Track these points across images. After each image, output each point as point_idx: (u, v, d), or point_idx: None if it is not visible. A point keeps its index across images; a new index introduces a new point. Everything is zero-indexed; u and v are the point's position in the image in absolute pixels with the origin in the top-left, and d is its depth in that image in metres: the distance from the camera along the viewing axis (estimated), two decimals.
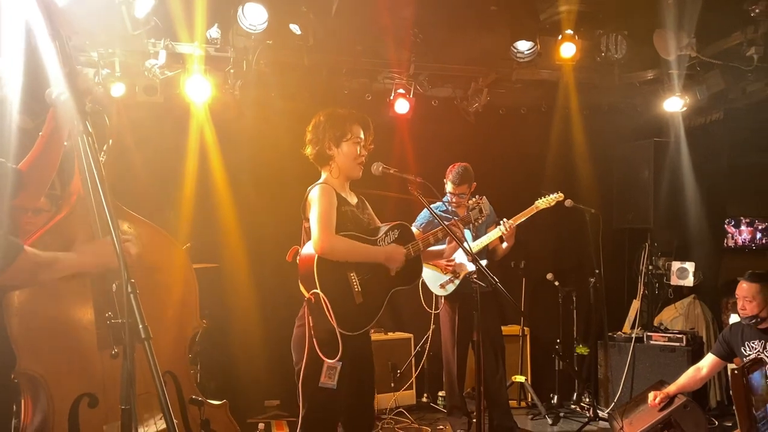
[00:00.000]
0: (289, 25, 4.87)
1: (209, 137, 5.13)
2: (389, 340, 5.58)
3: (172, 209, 4.90)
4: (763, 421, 2.42)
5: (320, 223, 2.80)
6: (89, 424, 2.06)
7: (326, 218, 2.82)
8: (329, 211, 2.85)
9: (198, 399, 2.41)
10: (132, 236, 2.23)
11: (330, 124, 3.05)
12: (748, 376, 2.30)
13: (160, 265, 2.43)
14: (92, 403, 2.06)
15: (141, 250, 2.31)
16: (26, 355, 1.96)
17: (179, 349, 2.52)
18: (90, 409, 2.06)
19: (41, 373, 1.99)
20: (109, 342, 1.88)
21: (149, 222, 2.43)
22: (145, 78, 4.94)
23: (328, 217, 2.83)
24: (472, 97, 5.78)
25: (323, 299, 2.74)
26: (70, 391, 2.04)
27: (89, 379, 2.07)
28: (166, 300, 2.44)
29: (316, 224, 2.80)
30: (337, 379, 2.84)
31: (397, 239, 3.05)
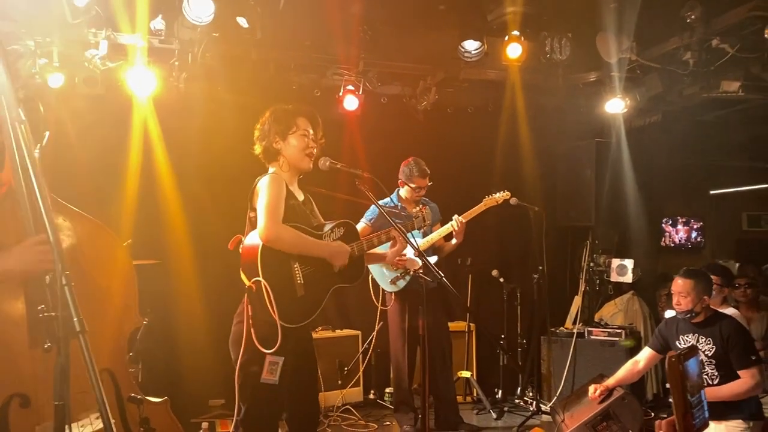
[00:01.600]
0: (237, 18, 4.80)
1: (153, 131, 5.00)
2: (337, 338, 5.57)
3: (113, 204, 4.75)
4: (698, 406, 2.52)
5: (267, 211, 2.76)
6: (20, 425, 1.98)
7: (274, 206, 2.79)
8: (278, 200, 2.81)
9: (137, 397, 2.35)
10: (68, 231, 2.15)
11: (275, 119, 3.03)
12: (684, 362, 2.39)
13: (97, 259, 2.36)
14: (24, 403, 1.98)
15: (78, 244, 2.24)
16: None
17: (117, 346, 2.45)
18: (22, 410, 1.98)
19: None
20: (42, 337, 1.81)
21: (88, 216, 2.35)
22: (86, 69, 4.78)
23: (276, 205, 2.80)
24: (420, 96, 5.81)
25: (265, 287, 2.70)
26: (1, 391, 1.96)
27: (20, 378, 1.98)
28: (103, 296, 2.37)
29: (264, 211, 2.77)
30: (279, 374, 2.80)
31: (342, 237, 3.04)
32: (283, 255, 2.82)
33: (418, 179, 4.72)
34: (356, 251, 3.02)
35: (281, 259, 2.81)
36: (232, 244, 2.90)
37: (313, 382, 3.12)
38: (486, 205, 4.79)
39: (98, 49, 4.72)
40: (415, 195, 4.74)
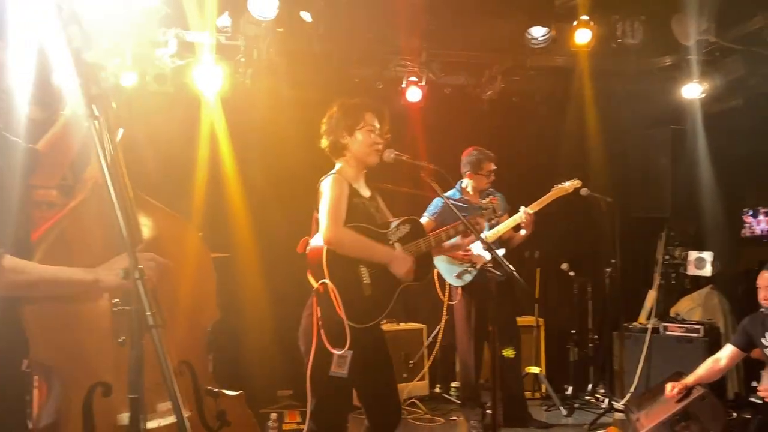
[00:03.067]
0: (300, 13, 4.82)
1: (220, 126, 5.10)
2: (401, 331, 5.55)
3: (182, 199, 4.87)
4: None
5: (329, 214, 2.76)
6: (103, 413, 2.02)
7: (335, 209, 2.78)
8: (339, 203, 2.80)
9: (213, 390, 2.37)
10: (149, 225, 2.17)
11: (343, 113, 3.01)
12: None
13: (177, 252, 2.36)
14: (106, 392, 2.02)
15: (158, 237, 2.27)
16: (40, 344, 1.91)
17: (196, 338, 2.45)
18: (104, 398, 2.02)
19: (55, 362, 1.96)
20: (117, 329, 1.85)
21: (167, 209, 2.37)
22: (156, 67, 4.91)
23: (337, 208, 2.79)
24: (485, 85, 5.69)
25: (332, 289, 2.70)
26: (84, 380, 2.00)
27: (103, 367, 2.02)
28: (182, 288, 2.38)
29: (325, 215, 2.77)
30: (348, 368, 2.79)
31: (407, 234, 2.99)
32: (349, 256, 2.81)
33: (488, 164, 4.60)
34: (423, 248, 2.97)
35: (347, 261, 2.80)
36: (301, 246, 2.90)
37: (390, 374, 3.09)
38: (555, 195, 4.63)
39: (167, 47, 4.84)
40: (484, 182, 4.61)
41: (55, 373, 1.97)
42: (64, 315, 1.97)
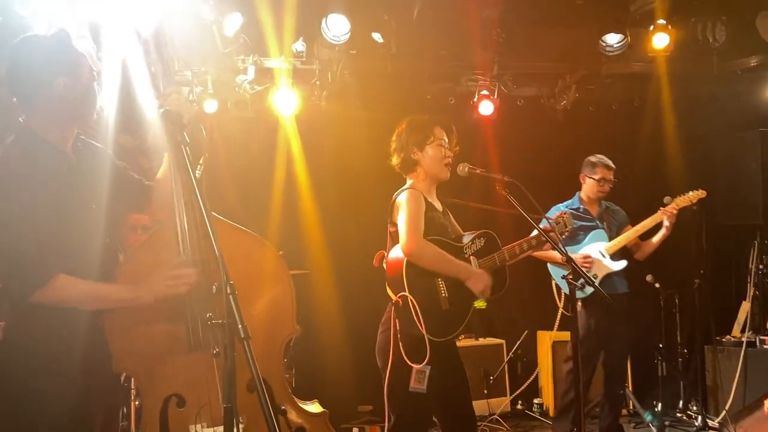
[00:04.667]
0: (372, 34, 4.93)
1: (296, 148, 5.26)
2: (480, 346, 5.50)
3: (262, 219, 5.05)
4: None
5: (409, 227, 2.78)
6: (178, 423, 2.12)
7: (415, 222, 2.81)
8: (418, 215, 2.83)
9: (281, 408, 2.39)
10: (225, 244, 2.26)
11: (412, 129, 3.05)
12: None
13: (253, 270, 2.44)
14: (180, 403, 2.12)
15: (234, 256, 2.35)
16: (119, 354, 2.06)
17: (272, 355, 2.49)
18: (178, 409, 2.12)
19: (134, 372, 2.09)
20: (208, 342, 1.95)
21: (243, 229, 2.45)
22: (236, 94, 5.13)
23: (417, 220, 2.82)
24: (559, 95, 5.61)
25: (411, 302, 2.72)
26: (160, 390, 2.12)
27: (178, 379, 2.14)
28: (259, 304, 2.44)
29: (405, 227, 2.79)
30: (427, 383, 2.79)
31: (483, 248, 3.00)
32: (428, 270, 2.83)
33: (602, 169, 4.48)
34: (497, 263, 2.97)
35: (426, 273, 2.82)
36: (377, 259, 2.95)
37: (465, 390, 3.07)
38: (678, 206, 4.42)
39: (247, 74, 5.05)
40: (598, 189, 4.49)
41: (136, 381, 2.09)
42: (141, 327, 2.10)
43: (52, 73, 2.01)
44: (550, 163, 5.57)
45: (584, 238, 4.47)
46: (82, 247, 2.03)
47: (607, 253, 4.40)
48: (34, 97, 2.03)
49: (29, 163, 1.99)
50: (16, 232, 1.93)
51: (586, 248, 4.44)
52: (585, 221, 4.48)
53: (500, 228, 3.63)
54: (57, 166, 2.04)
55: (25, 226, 1.94)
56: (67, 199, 2.03)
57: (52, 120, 2.06)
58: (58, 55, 2.05)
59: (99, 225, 2.09)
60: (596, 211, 4.55)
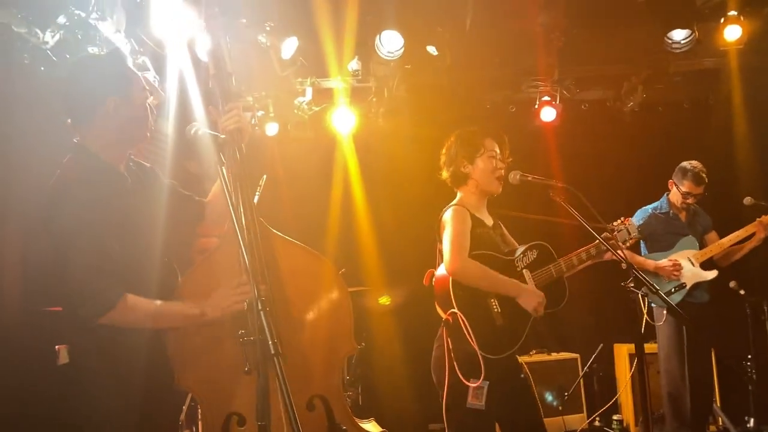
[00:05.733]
0: (426, 47, 4.91)
1: (352, 166, 5.31)
2: (553, 361, 5.30)
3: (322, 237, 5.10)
4: None
5: (452, 245, 2.73)
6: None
7: (458, 240, 2.74)
8: (462, 233, 2.77)
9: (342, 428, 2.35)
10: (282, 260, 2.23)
11: (461, 142, 2.99)
12: None
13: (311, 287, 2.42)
14: (240, 421, 2.13)
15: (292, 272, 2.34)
16: (180, 372, 2.08)
17: (331, 372, 2.45)
18: (239, 428, 2.13)
19: (194, 390, 2.11)
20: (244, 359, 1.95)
21: (302, 245, 2.43)
22: (295, 115, 5.23)
23: (461, 238, 2.75)
24: (625, 97, 5.40)
25: (461, 319, 2.65)
26: (220, 409, 2.12)
27: (238, 398, 2.13)
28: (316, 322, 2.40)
29: (448, 246, 2.74)
30: (485, 399, 2.70)
31: (535, 260, 2.89)
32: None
33: (689, 183, 4.26)
34: (554, 274, 2.85)
35: (475, 290, 2.75)
36: (427, 279, 2.90)
37: (533, 406, 2.94)
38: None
39: (305, 95, 5.14)
40: (682, 201, 4.30)
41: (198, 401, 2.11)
42: (200, 346, 2.11)
43: (105, 93, 2.04)
44: (619, 168, 5.36)
45: (674, 243, 4.26)
46: (141, 267, 2.06)
47: (697, 262, 4.17)
48: (88, 116, 2.06)
49: (89, 182, 2.00)
50: (83, 252, 1.93)
51: (674, 255, 4.23)
52: (674, 227, 4.28)
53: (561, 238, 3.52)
54: (115, 185, 2.07)
55: (92, 246, 1.94)
56: (126, 219, 2.04)
57: (106, 140, 2.08)
58: (110, 75, 2.09)
59: (157, 244, 2.11)
60: (685, 216, 4.34)
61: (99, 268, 1.95)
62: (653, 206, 4.37)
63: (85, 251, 1.94)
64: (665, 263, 4.18)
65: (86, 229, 1.94)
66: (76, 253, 1.94)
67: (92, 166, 2.05)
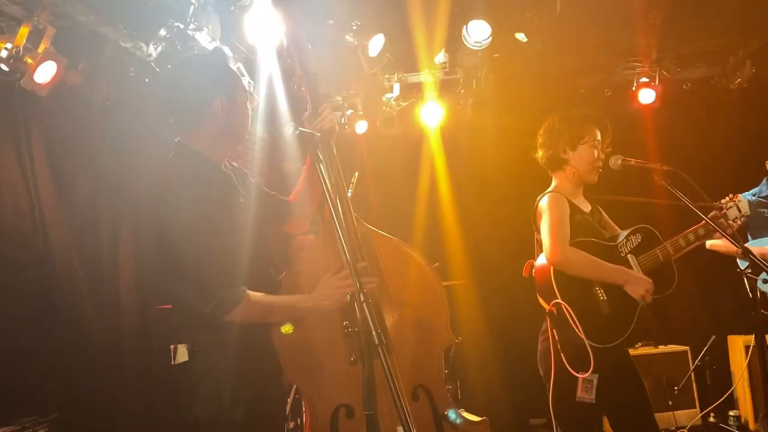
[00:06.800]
0: (515, 35, 4.80)
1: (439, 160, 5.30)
2: (661, 354, 5.05)
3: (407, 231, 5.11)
4: None
5: (552, 234, 2.65)
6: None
7: (558, 228, 2.66)
8: (561, 221, 2.68)
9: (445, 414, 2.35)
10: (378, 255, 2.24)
11: (566, 126, 2.88)
12: None
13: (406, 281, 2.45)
14: (349, 413, 2.16)
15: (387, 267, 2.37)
16: (288, 367, 2.13)
17: (432, 363, 2.46)
18: (348, 420, 2.16)
19: (302, 384, 2.16)
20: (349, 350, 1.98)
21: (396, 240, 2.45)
22: (384, 112, 5.27)
23: (561, 226, 2.66)
24: (732, 73, 5.07)
25: (566, 309, 2.57)
26: (329, 401, 2.16)
27: (345, 389, 2.16)
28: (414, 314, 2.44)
29: (547, 235, 2.66)
30: (595, 392, 2.61)
31: (640, 244, 2.76)
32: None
33: None
34: (661, 258, 2.72)
35: (578, 278, 2.66)
36: (526, 270, 2.83)
37: (644, 402, 2.81)
38: None
39: (392, 91, 5.16)
40: None
41: (305, 394, 2.16)
42: (306, 341, 2.16)
43: (211, 94, 2.06)
44: (727, 149, 5.04)
45: None
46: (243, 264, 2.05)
47: None
48: (193, 117, 2.09)
49: (197, 178, 2.01)
50: (201, 249, 1.92)
51: None
52: None
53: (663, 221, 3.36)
54: (221, 182, 2.11)
55: (210, 243, 1.93)
56: (233, 215, 2.07)
57: (210, 139, 2.09)
58: (216, 76, 2.12)
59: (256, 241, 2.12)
60: None
61: (220, 265, 1.94)
62: (752, 192, 4.07)
63: (203, 248, 1.93)
64: (763, 249, 3.87)
65: (201, 226, 1.94)
66: (194, 250, 1.92)
67: (197, 162, 2.07)
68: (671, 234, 2.81)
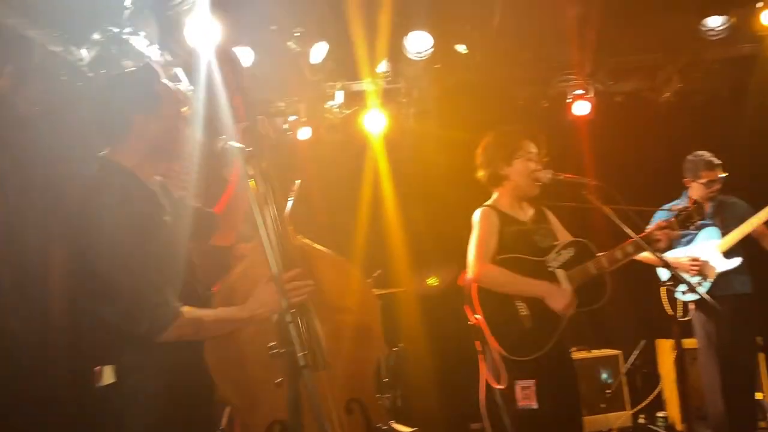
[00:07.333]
0: (455, 46, 4.88)
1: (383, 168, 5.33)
2: (594, 358, 5.21)
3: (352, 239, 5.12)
4: None
5: (476, 250, 2.77)
6: None
7: (481, 244, 2.77)
8: (485, 237, 2.79)
9: (383, 428, 2.39)
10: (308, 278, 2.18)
11: (499, 143, 2.98)
12: None
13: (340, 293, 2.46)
14: (283, 429, 2.15)
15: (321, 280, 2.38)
16: (221, 384, 2.10)
17: (364, 375, 2.50)
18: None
19: (236, 401, 2.14)
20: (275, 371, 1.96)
21: (329, 252, 2.48)
22: (327, 119, 5.27)
23: (483, 243, 2.78)
24: (661, 87, 5.29)
25: (483, 324, 2.68)
26: (261, 418, 2.14)
27: (278, 406, 2.13)
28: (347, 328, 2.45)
29: (471, 251, 2.78)
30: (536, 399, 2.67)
31: (572, 258, 2.85)
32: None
33: (705, 172, 4.17)
34: (593, 271, 2.80)
35: (500, 294, 2.75)
36: (461, 279, 2.90)
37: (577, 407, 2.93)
38: None
39: (335, 99, 5.16)
40: (707, 191, 4.19)
41: (238, 411, 2.14)
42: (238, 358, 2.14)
43: (133, 111, 2.02)
44: (657, 160, 5.23)
45: (695, 238, 4.15)
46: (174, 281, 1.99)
47: (721, 251, 4.05)
48: (116, 134, 2.04)
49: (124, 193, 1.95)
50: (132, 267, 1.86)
51: (694, 249, 4.12)
52: None
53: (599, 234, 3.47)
54: (147, 199, 2.04)
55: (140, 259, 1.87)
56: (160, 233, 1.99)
57: (134, 156, 2.04)
58: (138, 93, 2.06)
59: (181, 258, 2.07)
60: (707, 208, 4.22)
61: (151, 282, 1.89)
62: (671, 205, 4.26)
63: (132, 266, 1.87)
64: (682, 259, 4.06)
65: (129, 243, 1.87)
66: (123, 268, 1.86)
67: (122, 178, 2.01)
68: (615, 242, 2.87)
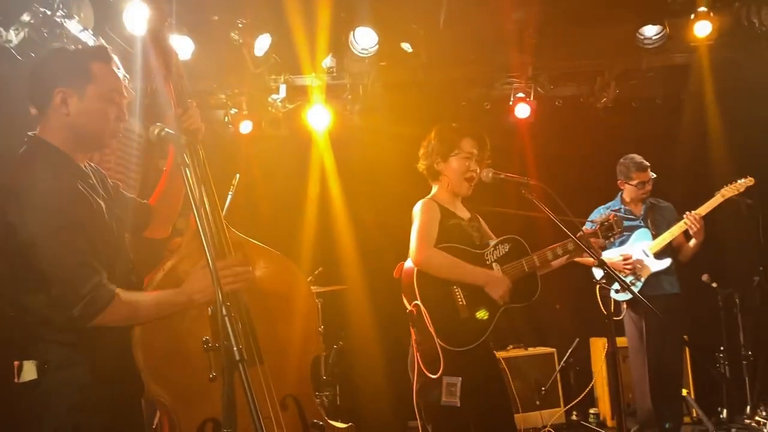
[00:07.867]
0: (401, 44, 4.89)
1: (329, 164, 5.28)
2: (530, 356, 5.32)
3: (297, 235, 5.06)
4: None
5: (417, 236, 2.76)
6: None
7: (424, 231, 2.77)
8: (428, 225, 2.79)
9: (319, 423, 2.38)
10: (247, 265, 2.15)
11: (439, 139, 2.99)
12: None
13: (280, 291, 2.43)
14: (216, 427, 2.10)
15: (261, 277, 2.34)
16: (151, 382, 2.03)
17: (301, 372, 2.48)
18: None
19: (166, 399, 2.07)
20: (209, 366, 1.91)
21: (269, 249, 2.44)
22: (270, 113, 5.19)
23: (426, 230, 2.77)
24: (599, 93, 5.44)
25: (423, 311, 2.66)
26: (194, 416, 2.08)
27: (212, 404, 2.09)
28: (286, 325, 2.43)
29: (414, 237, 2.77)
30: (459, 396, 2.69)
31: (507, 254, 2.89)
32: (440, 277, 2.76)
33: (637, 173, 4.33)
34: (526, 268, 2.85)
35: (439, 282, 2.75)
36: (397, 271, 2.90)
37: (505, 403, 2.94)
38: (723, 197, 4.21)
39: (278, 93, 5.09)
40: (639, 193, 4.34)
41: (169, 409, 2.06)
42: (169, 355, 2.06)
43: (53, 84, 1.93)
44: (594, 163, 5.39)
45: (628, 239, 4.30)
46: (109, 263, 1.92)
47: (651, 252, 4.20)
48: (40, 107, 1.96)
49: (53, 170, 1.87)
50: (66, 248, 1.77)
51: (627, 248, 4.26)
52: (628, 221, 4.30)
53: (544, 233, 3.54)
54: (79, 177, 1.94)
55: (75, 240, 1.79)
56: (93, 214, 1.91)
57: (59, 133, 1.95)
58: (63, 66, 1.97)
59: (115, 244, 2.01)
60: (640, 210, 4.37)
61: (85, 261, 1.80)
62: (607, 206, 4.40)
63: (64, 244, 1.78)
64: (615, 259, 4.21)
65: (60, 220, 1.78)
66: (54, 246, 1.77)
67: (51, 155, 1.92)
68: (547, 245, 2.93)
